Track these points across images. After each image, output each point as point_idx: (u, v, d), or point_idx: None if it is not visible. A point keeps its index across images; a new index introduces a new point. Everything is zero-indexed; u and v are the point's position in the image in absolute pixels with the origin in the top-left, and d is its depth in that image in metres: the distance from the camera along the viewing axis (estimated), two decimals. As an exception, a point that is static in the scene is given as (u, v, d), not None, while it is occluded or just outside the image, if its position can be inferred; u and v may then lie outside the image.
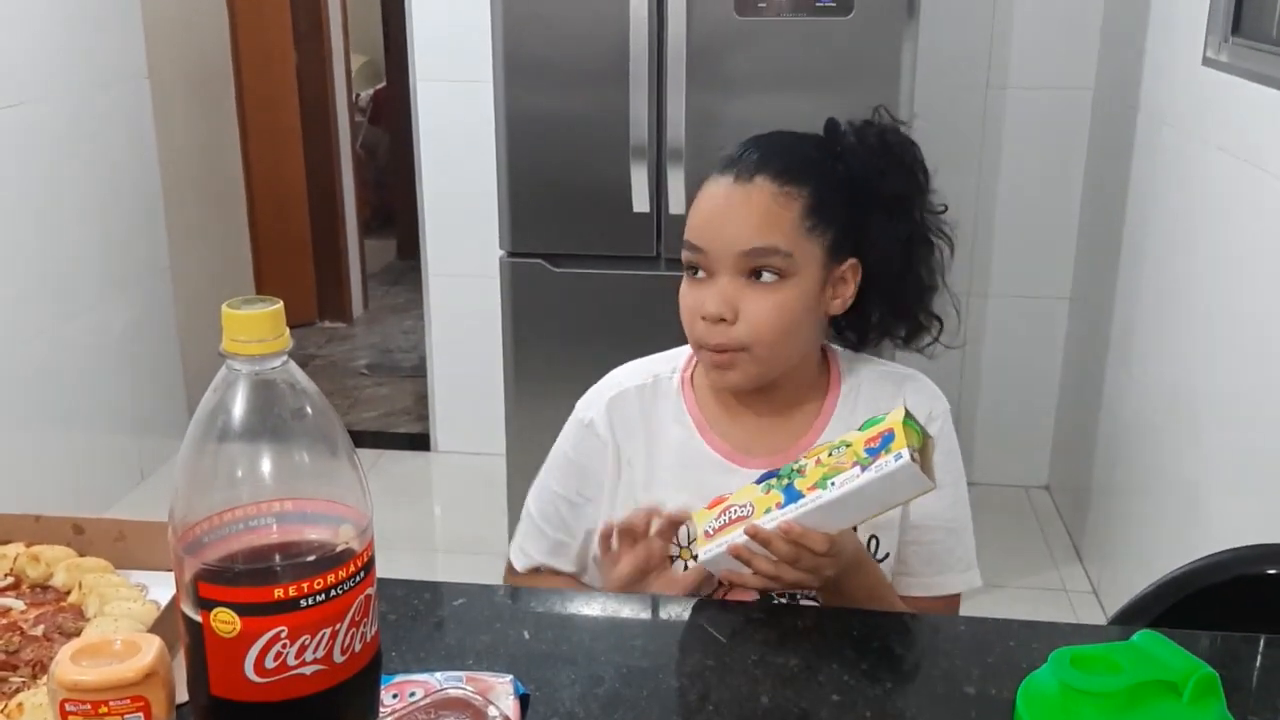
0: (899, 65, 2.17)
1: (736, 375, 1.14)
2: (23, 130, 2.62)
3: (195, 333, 3.34)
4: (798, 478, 1.04)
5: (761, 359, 1.13)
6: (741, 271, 1.11)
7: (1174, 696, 0.79)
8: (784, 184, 1.12)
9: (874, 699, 0.92)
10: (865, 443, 1.01)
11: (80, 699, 0.73)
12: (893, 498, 1.01)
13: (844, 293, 1.16)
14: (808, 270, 1.12)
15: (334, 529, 0.74)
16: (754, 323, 1.11)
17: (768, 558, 1.02)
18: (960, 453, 1.22)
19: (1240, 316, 1.90)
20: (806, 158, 1.16)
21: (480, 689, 0.85)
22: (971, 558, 1.22)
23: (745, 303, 1.11)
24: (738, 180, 1.13)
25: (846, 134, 1.19)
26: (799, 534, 1.01)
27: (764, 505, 1.04)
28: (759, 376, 1.15)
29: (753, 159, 1.14)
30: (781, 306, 1.11)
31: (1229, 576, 1.19)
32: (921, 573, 1.20)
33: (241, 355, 0.71)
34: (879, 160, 1.16)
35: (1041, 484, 3.11)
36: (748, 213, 1.11)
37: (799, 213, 1.11)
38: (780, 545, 1.01)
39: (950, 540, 1.20)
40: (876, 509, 1.02)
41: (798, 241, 1.11)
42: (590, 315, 2.34)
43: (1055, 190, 2.91)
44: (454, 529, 3.09)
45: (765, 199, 1.11)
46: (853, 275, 1.16)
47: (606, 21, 2.19)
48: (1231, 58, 1.96)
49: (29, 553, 1.06)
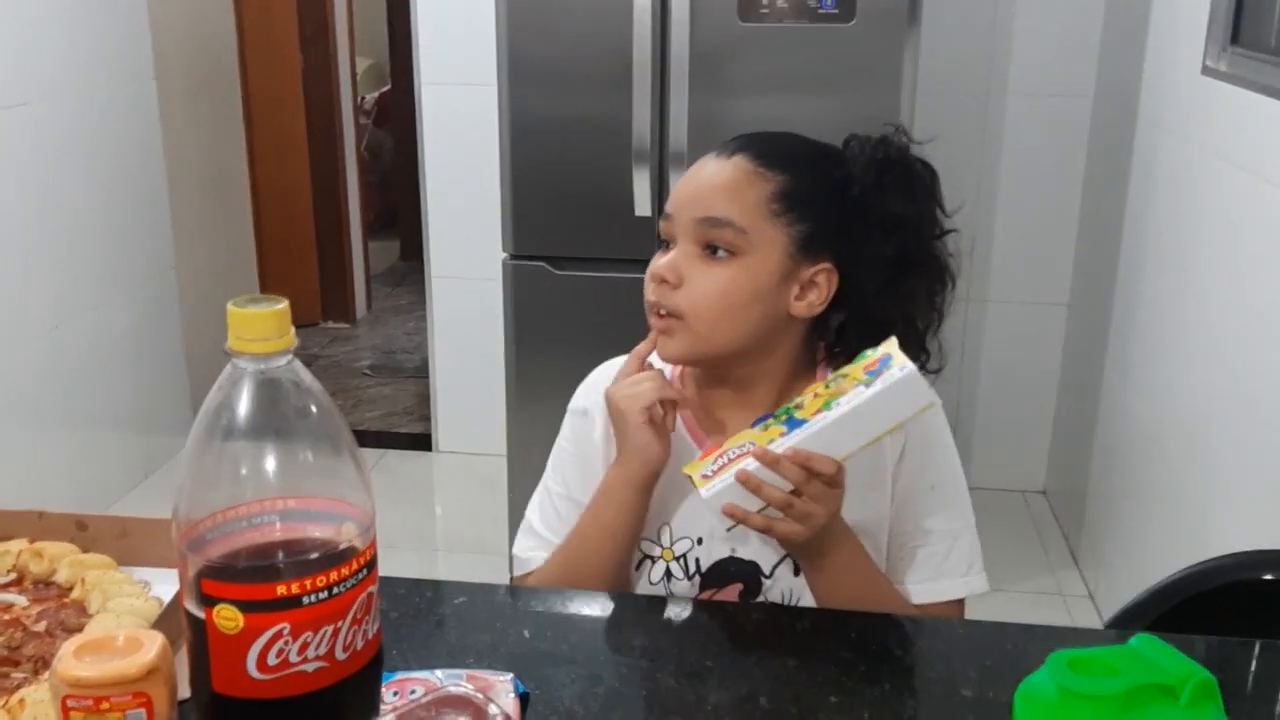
0: (900, 71, 2.17)
1: (674, 345, 1.12)
2: (29, 130, 2.63)
3: (199, 332, 3.35)
4: (797, 411, 1.03)
5: (698, 334, 1.10)
6: (698, 241, 1.10)
7: (1171, 700, 0.79)
8: (760, 165, 1.11)
9: (872, 701, 0.93)
10: (864, 368, 1.01)
11: (82, 694, 0.74)
12: (898, 412, 1.00)
13: (812, 297, 1.12)
14: (764, 254, 1.09)
15: (337, 527, 0.74)
16: (694, 293, 1.10)
17: (778, 486, 1.00)
18: (959, 458, 1.20)
19: (1238, 324, 1.91)
20: (798, 151, 1.15)
21: (480, 687, 0.86)
22: (973, 561, 1.18)
23: (693, 272, 1.10)
24: (718, 155, 1.13)
25: (854, 145, 1.16)
26: (806, 457, 0.99)
27: (766, 439, 1.01)
28: (694, 351, 1.13)
29: (740, 140, 1.15)
30: (724, 283, 1.09)
31: (1225, 582, 1.19)
32: (915, 578, 1.17)
33: (247, 353, 0.71)
34: (881, 176, 1.13)
35: (1038, 489, 3.11)
36: (715, 184, 1.11)
37: (767, 193, 1.10)
38: (789, 468, 0.99)
39: (944, 545, 1.17)
40: (884, 426, 1.00)
41: (756, 221, 1.09)
42: (591, 318, 2.34)
43: (1054, 197, 2.91)
44: (455, 528, 3.10)
45: (736, 174, 1.11)
46: (826, 280, 1.12)
47: (610, 26, 2.20)
48: (1231, 67, 1.97)
49: (32, 549, 1.06)
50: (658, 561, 1.18)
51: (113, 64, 2.96)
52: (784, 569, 1.15)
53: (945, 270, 1.16)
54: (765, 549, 1.15)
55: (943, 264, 1.16)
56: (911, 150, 1.16)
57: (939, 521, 1.17)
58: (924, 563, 1.17)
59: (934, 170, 1.16)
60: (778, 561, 1.16)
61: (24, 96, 2.60)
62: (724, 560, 1.17)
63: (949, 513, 1.18)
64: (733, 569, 1.17)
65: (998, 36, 2.84)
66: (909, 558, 1.17)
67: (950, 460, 1.19)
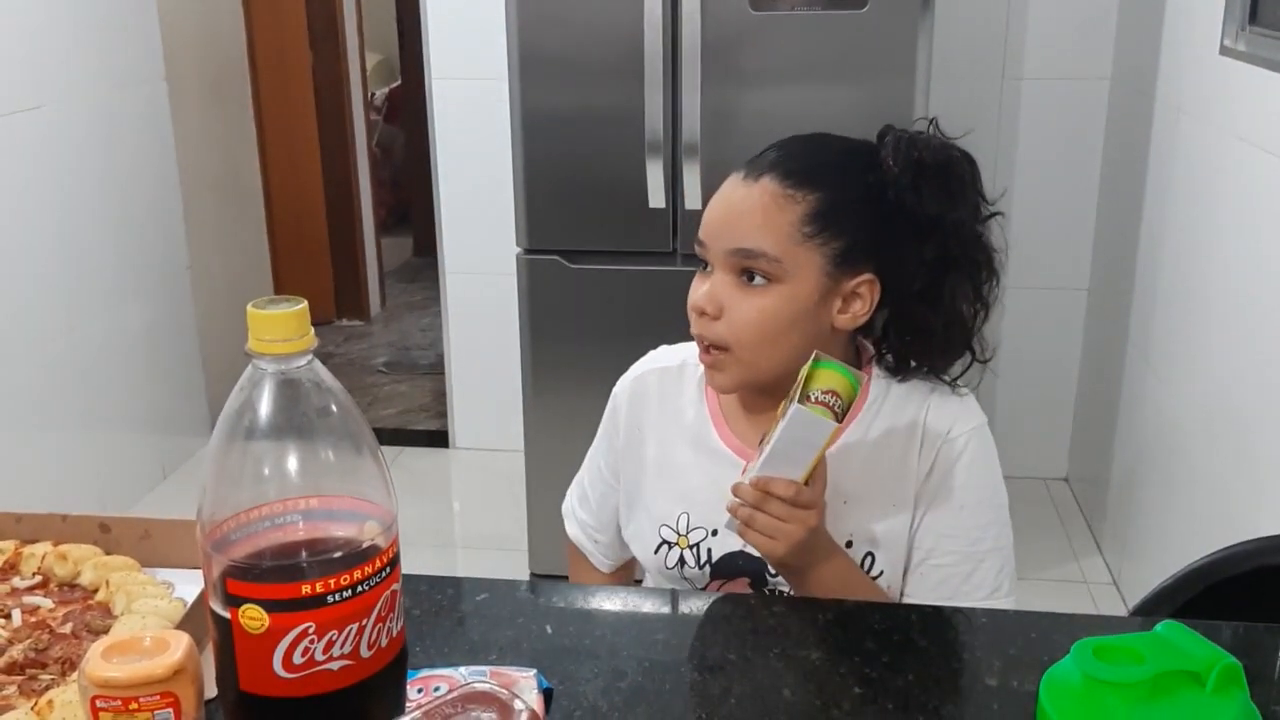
0: (914, 57, 2.16)
1: (724, 377, 1.13)
2: (42, 133, 2.64)
3: (215, 332, 3.36)
4: (766, 437, 1.07)
5: (745, 361, 1.11)
6: (734, 270, 1.10)
7: (1197, 686, 0.78)
8: (790, 186, 1.09)
9: (896, 691, 0.92)
10: (789, 394, 1.04)
11: (111, 695, 0.74)
12: (813, 440, 1.02)
13: (855, 308, 1.11)
14: (801, 277, 1.09)
15: (360, 525, 0.74)
16: (735, 323, 1.10)
17: (744, 507, 1.05)
18: (1001, 476, 1.16)
19: (1260, 306, 1.89)
20: (827, 163, 1.13)
21: (504, 683, 0.86)
22: (1000, 585, 1.15)
23: (733, 302, 1.10)
24: (746, 178, 1.11)
25: (889, 145, 1.13)
26: (764, 483, 1.04)
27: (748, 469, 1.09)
28: (745, 380, 1.13)
29: (768, 158, 1.12)
30: (765, 311, 1.09)
31: (1251, 567, 1.18)
32: (929, 597, 1.15)
33: (267, 355, 0.72)
34: (916, 177, 1.11)
35: (1061, 476, 3.10)
36: (743, 212, 1.09)
37: (798, 217, 1.08)
38: (747, 492, 1.04)
39: (966, 565, 1.14)
40: (809, 455, 1.03)
41: (789, 248, 1.08)
42: (607, 311, 2.34)
43: (1072, 181, 2.89)
44: (473, 525, 3.10)
45: (765, 199, 1.09)
46: (869, 291, 1.11)
47: (621, 17, 2.19)
48: (1249, 46, 1.95)
49: (56, 551, 1.07)
50: (674, 548, 1.20)
51: (124, 67, 2.97)
52: None
53: (989, 263, 1.14)
54: None
55: (987, 256, 1.14)
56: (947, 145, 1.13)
57: (962, 543, 1.15)
58: (940, 583, 1.15)
59: (973, 160, 1.14)
60: None
61: (37, 100, 2.61)
62: (733, 554, 1.18)
63: (975, 534, 1.15)
64: (740, 563, 1.18)
65: (1013, 20, 2.82)
66: (928, 575, 1.16)
67: (987, 483, 1.16)
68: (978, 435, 1.16)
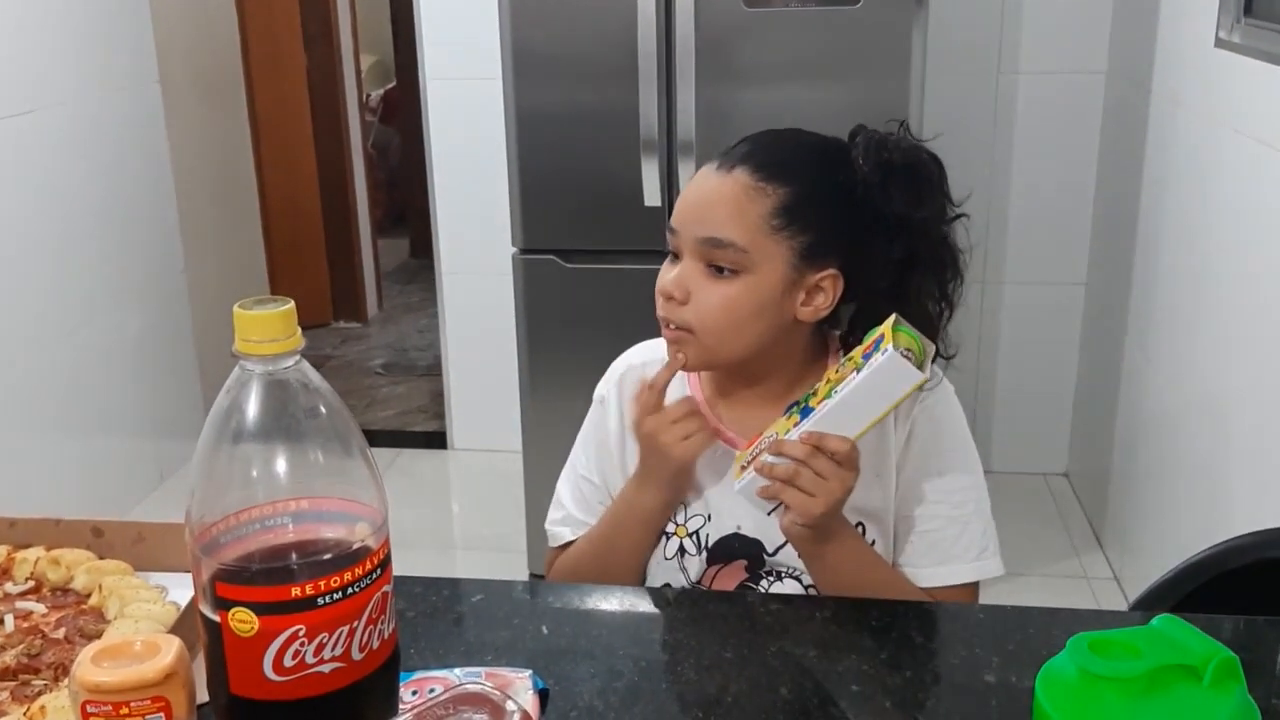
0: (909, 53, 2.16)
1: (685, 356, 1.15)
2: (36, 136, 2.63)
3: (211, 335, 3.35)
4: (812, 398, 1.10)
5: (707, 346, 1.13)
6: (702, 259, 1.12)
7: (1194, 680, 0.78)
8: (761, 179, 1.11)
9: (893, 688, 0.92)
10: (863, 351, 1.07)
11: (102, 700, 0.74)
12: (891, 391, 1.04)
13: (818, 301, 1.14)
14: (766, 269, 1.11)
15: (349, 527, 0.74)
16: (700, 310, 1.12)
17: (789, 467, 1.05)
18: (972, 440, 1.20)
19: (1258, 299, 1.89)
20: (798, 158, 1.15)
21: (499, 684, 0.86)
22: (986, 546, 1.18)
23: (699, 289, 1.12)
24: (719, 169, 1.13)
25: (860, 144, 1.15)
26: (816, 438, 1.04)
27: (785, 428, 1.09)
28: (707, 362, 1.17)
29: (741, 150, 1.14)
30: (730, 299, 1.11)
31: (1250, 560, 1.18)
32: (922, 562, 1.17)
33: (254, 355, 0.71)
34: (885, 177, 1.13)
35: (1060, 471, 3.09)
36: (715, 202, 1.12)
37: (768, 210, 1.10)
38: (797, 448, 1.05)
39: (953, 528, 1.17)
40: (881, 406, 1.05)
41: (757, 239, 1.10)
42: (603, 310, 2.33)
43: (1069, 175, 2.89)
44: (472, 526, 3.10)
45: (736, 190, 1.11)
46: (832, 285, 1.13)
47: (615, 16, 2.18)
48: (1244, 39, 1.94)
49: (49, 556, 1.06)
50: (672, 538, 1.22)
51: (118, 69, 2.96)
52: (788, 548, 1.17)
53: (954, 263, 1.16)
54: (770, 528, 1.17)
55: (952, 256, 1.16)
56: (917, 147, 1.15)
57: (946, 507, 1.17)
58: (931, 547, 1.17)
59: (941, 164, 1.16)
60: (783, 542, 1.17)
61: (31, 104, 2.61)
62: (728, 536, 1.19)
63: (958, 498, 1.18)
64: (736, 544, 1.20)
65: (1007, 14, 2.81)
66: (917, 542, 1.18)
67: (961, 447, 1.19)
68: (945, 400, 1.19)
